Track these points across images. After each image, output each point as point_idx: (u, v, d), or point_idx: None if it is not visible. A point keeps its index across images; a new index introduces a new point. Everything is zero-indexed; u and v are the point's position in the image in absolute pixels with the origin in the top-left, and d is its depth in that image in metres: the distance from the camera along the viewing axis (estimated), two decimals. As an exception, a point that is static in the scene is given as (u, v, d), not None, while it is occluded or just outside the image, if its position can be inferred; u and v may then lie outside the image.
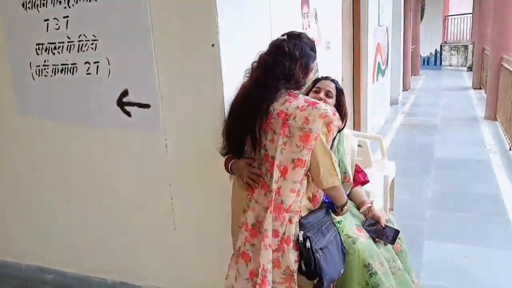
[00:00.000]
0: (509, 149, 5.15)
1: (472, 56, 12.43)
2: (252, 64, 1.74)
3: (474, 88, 10.12)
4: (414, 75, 12.77)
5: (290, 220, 1.65)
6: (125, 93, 2.12)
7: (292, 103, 1.62)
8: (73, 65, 2.19)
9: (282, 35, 1.75)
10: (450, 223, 3.36)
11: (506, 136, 5.52)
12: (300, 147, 1.59)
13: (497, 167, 4.59)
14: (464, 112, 7.57)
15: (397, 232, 1.99)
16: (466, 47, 14.73)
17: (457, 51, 15.23)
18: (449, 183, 4.22)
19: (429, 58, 16.17)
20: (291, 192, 1.63)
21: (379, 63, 6.30)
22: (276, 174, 1.62)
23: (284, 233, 1.64)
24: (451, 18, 16.71)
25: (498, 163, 4.73)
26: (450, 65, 15.41)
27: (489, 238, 3.09)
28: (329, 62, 3.52)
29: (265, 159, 1.67)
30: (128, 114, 2.14)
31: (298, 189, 1.65)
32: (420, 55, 14.39)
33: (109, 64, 2.11)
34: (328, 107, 1.65)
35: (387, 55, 7.11)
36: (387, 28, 6.89)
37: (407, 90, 10.45)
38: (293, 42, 1.69)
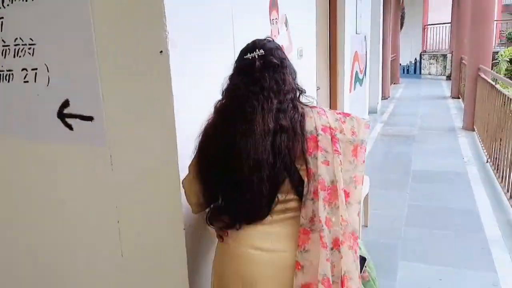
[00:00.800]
0: (486, 161, 5.07)
1: (451, 65, 12.51)
2: (225, 93, 1.44)
3: (452, 97, 10.17)
4: (394, 83, 12.81)
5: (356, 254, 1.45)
6: (66, 104, 1.89)
7: (329, 116, 1.45)
8: (9, 72, 1.96)
9: (252, 49, 1.43)
10: (426, 241, 3.23)
11: (483, 148, 5.45)
12: (353, 163, 1.43)
13: (474, 180, 4.50)
14: (442, 122, 7.53)
15: (363, 259, 1.82)
16: (445, 56, 14.84)
17: (436, 60, 15.32)
18: (426, 197, 4.10)
19: (409, 66, 16.26)
20: (358, 216, 1.45)
21: (356, 71, 6.20)
22: (342, 200, 1.38)
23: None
24: (431, 27, 16.88)
25: (475, 175, 4.64)
26: (430, 74, 15.50)
27: (464, 258, 2.96)
28: (303, 71, 3.34)
29: (322, 188, 1.36)
30: (70, 127, 1.91)
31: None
32: (400, 64, 14.47)
33: (48, 71, 1.89)
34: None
35: (365, 64, 7.03)
36: (365, 36, 6.81)
37: (386, 98, 10.45)
38: (274, 52, 1.43)
